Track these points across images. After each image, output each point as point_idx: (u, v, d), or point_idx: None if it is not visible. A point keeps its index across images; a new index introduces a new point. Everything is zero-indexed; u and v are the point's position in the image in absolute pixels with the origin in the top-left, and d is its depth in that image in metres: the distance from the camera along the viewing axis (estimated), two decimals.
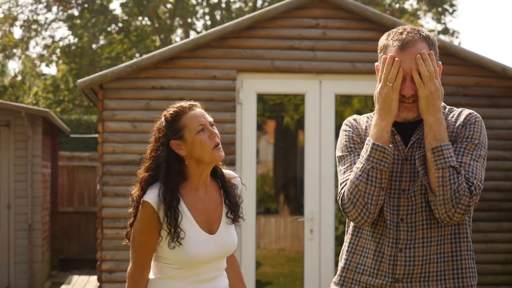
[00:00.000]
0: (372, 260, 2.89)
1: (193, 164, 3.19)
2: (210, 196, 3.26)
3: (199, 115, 3.21)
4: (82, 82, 7.25)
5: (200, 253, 3.14)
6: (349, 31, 7.46)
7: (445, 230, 2.82)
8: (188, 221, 3.16)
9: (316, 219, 7.41)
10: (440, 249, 2.82)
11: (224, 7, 20.19)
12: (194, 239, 3.15)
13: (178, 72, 7.33)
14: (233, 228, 3.30)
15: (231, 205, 3.27)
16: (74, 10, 19.43)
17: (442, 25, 21.86)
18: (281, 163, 8.10)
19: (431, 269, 2.82)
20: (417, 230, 2.82)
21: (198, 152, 3.16)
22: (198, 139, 3.15)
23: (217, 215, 3.25)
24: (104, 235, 7.23)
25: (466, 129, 2.84)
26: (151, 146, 3.24)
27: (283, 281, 7.74)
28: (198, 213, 3.19)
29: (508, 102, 7.59)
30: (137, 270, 3.25)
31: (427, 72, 2.77)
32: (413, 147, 2.86)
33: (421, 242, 2.81)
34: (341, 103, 7.71)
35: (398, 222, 2.83)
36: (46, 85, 19.78)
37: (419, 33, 2.83)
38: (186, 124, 3.18)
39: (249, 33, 7.42)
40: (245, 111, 7.41)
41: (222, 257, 3.27)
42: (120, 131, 7.26)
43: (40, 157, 10.70)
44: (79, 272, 12.71)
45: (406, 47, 2.80)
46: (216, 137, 3.19)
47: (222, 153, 3.20)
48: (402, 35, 2.82)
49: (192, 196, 3.20)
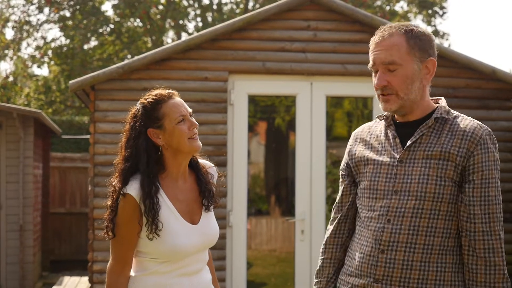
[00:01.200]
0: (357, 261, 2.89)
1: (170, 155, 3.13)
2: (190, 186, 3.21)
3: (179, 104, 3.14)
4: (73, 83, 7.26)
5: (184, 243, 3.08)
6: (340, 33, 7.49)
7: (433, 240, 2.78)
8: (171, 212, 3.09)
9: (307, 220, 7.44)
10: (425, 257, 2.78)
11: (216, 9, 20.20)
12: (178, 230, 3.08)
13: (170, 73, 7.35)
14: (213, 217, 3.25)
15: (206, 192, 3.21)
16: (66, 11, 19.40)
17: (432, 27, 21.93)
18: (272, 164, 8.12)
19: (411, 276, 2.78)
20: (402, 234, 2.79)
21: (176, 142, 3.09)
22: (178, 129, 3.09)
23: (198, 205, 3.20)
24: (96, 236, 7.24)
25: (481, 160, 2.80)
26: (126, 135, 3.17)
27: (274, 282, 7.76)
28: (179, 204, 3.13)
29: (498, 104, 7.63)
30: (118, 266, 3.10)
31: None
32: (409, 150, 2.84)
33: (403, 246, 2.79)
34: (332, 105, 7.74)
35: (385, 223, 2.82)
36: (38, 86, 19.75)
37: (399, 28, 2.83)
38: (166, 113, 3.10)
39: (241, 34, 7.44)
40: (237, 112, 7.43)
41: (206, 248, 3.22)
42: (112, 132, 7.27)
43: (31, 158, 10.69)
44: (71, 273, 12.69)
45: (381, 40, 2.81)
46: (195, 127, 3.13)
47: (199, 143, 3.15)
48: (383, 30, 2.84)
49: (172, 187, 3.14)
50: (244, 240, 7.40)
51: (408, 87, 2.81)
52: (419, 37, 2.83)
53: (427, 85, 2.90)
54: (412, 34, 2.82)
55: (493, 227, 2.73)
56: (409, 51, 2.80)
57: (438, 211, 2.77)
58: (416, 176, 2.79)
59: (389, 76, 2.80)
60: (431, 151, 2.79)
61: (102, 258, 7.22)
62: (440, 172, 2.76)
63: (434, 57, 2.87)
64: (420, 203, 2.78)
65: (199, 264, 3.20)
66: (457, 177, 2.76)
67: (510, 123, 7.65)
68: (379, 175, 2.88)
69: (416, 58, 2.81)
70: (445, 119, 2.84)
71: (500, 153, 7.63)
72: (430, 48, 2.86)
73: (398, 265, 2.79)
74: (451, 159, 2.76)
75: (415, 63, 2.82)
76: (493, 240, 2.73)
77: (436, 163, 2.77)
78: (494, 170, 2.78)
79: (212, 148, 7.15)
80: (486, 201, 2.74)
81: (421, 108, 2.88)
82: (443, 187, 2.75)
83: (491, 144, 2.79)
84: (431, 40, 2.87)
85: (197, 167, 3.27)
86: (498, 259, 2.73)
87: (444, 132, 2.81)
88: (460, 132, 2.79)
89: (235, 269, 7.36)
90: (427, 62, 2.84)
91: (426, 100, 2.90)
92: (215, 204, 3.27)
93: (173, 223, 3.09)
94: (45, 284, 11.68)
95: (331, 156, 7.86)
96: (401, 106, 2.83)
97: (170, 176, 3.16)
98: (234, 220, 7.36)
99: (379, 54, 2.80)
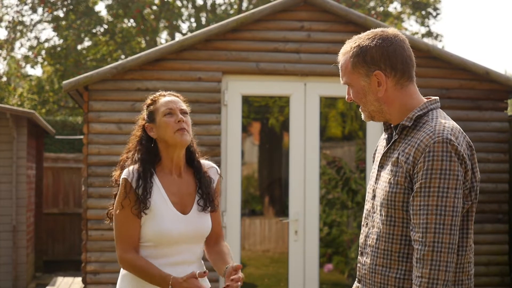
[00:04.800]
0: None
1: (163, 147, 3.36)
2: (185, 181, 3.38)
3: (171, 100, 3.40)
4: (67, 83, 7.25)
5: (170, 229, 3.25)
6: (333, 34, 7.50)
7: (391, 246, 2.77)
8: (162, 197, 3.29)
9: (301, 220, 7.44)
10: (386, 263, 2.79)
11: (210, 9, 20.20)
12: (165, 214, 3.27)
13: (164, 73, 7.35)
14: (206, 215, 3.39)
15: (203, 195, 3.38)
16: (60, 11, 19.37)
17: (426, 28, 21.98)
18: (266, 164, 8.13)
19: (375, 279, 2.81)
20: (371, 238, 2.85)
21: (163, 133, 3.33)
22: (164, 121, 3.32)
23: (190, 200, 3.36)
24: (89, 237, 7.23)
25: (421, 172, 2.69)
26: (134, 131, 3.47)
27: (268, 282, 7.77)
28: (171, 194, 3.33)
29: (491, 105, 7.65)
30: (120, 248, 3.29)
31: None
32: (386, 156, 2.86)
33: (371, 251, 2.83)
34: (325, 105, 7.75)
35: (363, 226, 2.92)
36: (31, 86, 19.70)
37: (350, 45, 2.85)
38: (157, 108, 3.38)
39: (235, 35, 7.45)
40: (230, 113, 7.43)
41: (195, 240, 3.34)
42: (105, 133, 7.27)
43: (25, 158, 10.67)
44: (64, 273, 12.67)
45: (339, 60, 2.89)
46: (182, 121, 3.33)
47: (186, 138, 3.32)
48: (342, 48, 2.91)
49: (166, 178, 3.35)
50: (237, 240, 7.40)
51: (363, 101, 2.85)
52: (365, 52, 2.80)
53: (393, 92, 2.83)
54: (357, 51, 2.81)
55: (428, 237, 2.63)
56: (352, 70, 2.82)
57: (394, 217, 2.76)
58: (382, 182, 2.82)
59: (351, 92, 2.89)
60: (394, 157, 2.80)
61: (95, 259, 7.21)
62: (393, 179, 2.76)
63: (387, 67, 2.80)
64: (382, 209, 2.80)
65: (190, 255, 3.33)
66: (408, 184, 2.73)
67: (504, 124, 7.67)
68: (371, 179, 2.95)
69: (361, 74, 2.81)
70: (414, 125, 2.80)
71: (493, 153, 7.65)
72: (380, 60, 2.79)
73: (368, 268, 2.84)
74: (400, 165, 2.75)
75: (361, 79, 2.82)
76: (424, 251, 2.63)
77: (393, 169, 2.77)
78: (439, 179, 2.65)
79: (206, 148, 7.14)
80: (424, 210, 2.65)
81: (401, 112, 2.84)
82: (395, 194, 2.74)
83: (443, 153, 2.67)
84: (383, 51, 2.79)
85: (198, 167, 3.44)
86: (425, 271, 2.63)
87: (407, 138, 2.79)
88: (414, 139, 2.75)
89: None
90: (374, 75, 2.81)
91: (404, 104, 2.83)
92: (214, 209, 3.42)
93: (163, 209, 3.28)
94: (38, 284, 11.66)
95: (325, 157, 7.87)
96: (370, 116, 2.88)
97: (165, 168, 3.37)
98: (228, 221, 7.37)
99: (340, 74, 2.91)
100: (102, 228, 7.19)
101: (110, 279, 7.15)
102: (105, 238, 7.17)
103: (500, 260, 7.66)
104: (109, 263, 7.14)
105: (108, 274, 7.16)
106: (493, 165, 7.64)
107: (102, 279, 7.23)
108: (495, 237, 7.66)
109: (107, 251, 7.12)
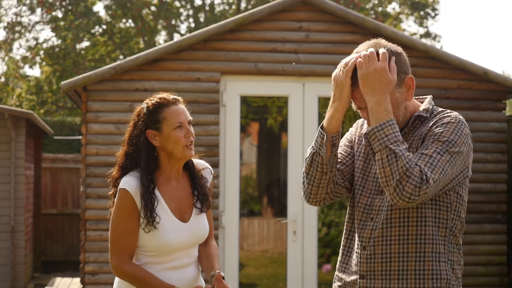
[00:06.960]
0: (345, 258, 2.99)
1: (164, 156, 3.29)
2: (182, 186, 3.36)
3: (180, 111, 3.31)
4: (65, 84, 7.25)
5: (173, 238, 3.23)
6: (332, 34, 7.50)
7: (408, 230, 2.82)
8: (163, 208, 3.26)
9: (299, 221, 7.44)
10: (402, 248, 2.82)
11: (208, 10, 20.20)
12: (168, 225, 3.24)
13: (162, 74, 7.35)
14: (204, 217, 3.39)
15: (199, 195, 3.36)
16: (58, 12, 19.37)
17: (424, 28, 21.99)
18: (265, 165, 8.13)
19: (392, 268, 2.83)
20: (378, 228, 2.86)
21: (170, 147, 3.25)
22: (174, 135, 3.25)
23: (189, 204, 3.35)
24: (87, 237, 7.23)
25: (435, 128, 2.80)
26: (129, 130, 3.35)
27: (266, 282, 7.77)
28: (171, 202, 3.29)
29: (489, 105, 7.66)
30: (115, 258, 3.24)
31: (368, 52, 2.80)
32: None
33: (380, 240, 2.85)
34: (324, 106, 7.75)
35: (367, 221, 2.90)
36: (30, 87, 19.70)
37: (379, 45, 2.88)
38: (166, 118, 3.27)
39: (233, 35, 7.45)
40: (229, 113, 7.43)
41: (195, 245, 3.37)
42: (104, 133, 7.27)
43: (23, 158, 10.66)
44: (62, 274, 12.67)
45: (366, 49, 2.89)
46: (191, 136, 3.29)
47: (192, 152, 3.30)
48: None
49: (165, 186, 3.30)
50: (236, 241, 7.40)
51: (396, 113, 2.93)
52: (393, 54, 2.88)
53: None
54: (389, 51, 2.87)
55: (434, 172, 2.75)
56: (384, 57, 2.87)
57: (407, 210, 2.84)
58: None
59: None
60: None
61: (94, 259, 7.21)
62: None
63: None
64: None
65: (188, 258, 3.34)
66: None
67: (502, 124, 7.68)
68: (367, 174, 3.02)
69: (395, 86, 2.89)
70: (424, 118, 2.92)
71: (492, 154, 7.65)
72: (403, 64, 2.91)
73: (377, 259, 2.86)
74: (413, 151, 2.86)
75: (395, 91, 2.88)
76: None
77: None
78: (453, 139, 2.81)
79: (204, 149, 7.15)
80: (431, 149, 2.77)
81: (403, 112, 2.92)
82: None
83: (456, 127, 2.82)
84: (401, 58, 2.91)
85: (192, 168, 3.41)
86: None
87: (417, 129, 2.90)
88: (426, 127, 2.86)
89: (227, 270, 7.35)
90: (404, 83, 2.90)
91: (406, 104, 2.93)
92: (209, 207, 3.42)
93: (165, 220, 3.24)
94: (36, 285, 11.64)
95: None
96: None
97: (164, 175, 3.32)
98: (226, 221, 7.36)
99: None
100: (101, 229, 7.19)
101: (108, 280, 7.15)
102: (103, 238, 7.17)
103: (498, 261, 7.66)
104: (107, 264, 7.13)
105: (107, 275, 7.16)
106: (491, 165, 7.65)
107: (100, 279, 7.23)
108: (493, 238, 7.66)
109: (105, 252, 7.12)
